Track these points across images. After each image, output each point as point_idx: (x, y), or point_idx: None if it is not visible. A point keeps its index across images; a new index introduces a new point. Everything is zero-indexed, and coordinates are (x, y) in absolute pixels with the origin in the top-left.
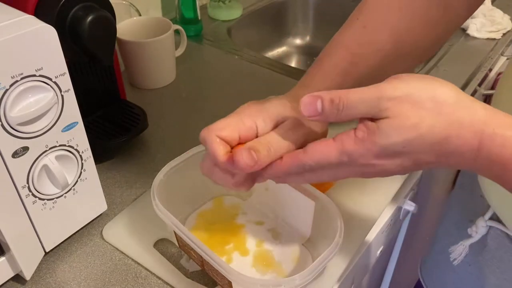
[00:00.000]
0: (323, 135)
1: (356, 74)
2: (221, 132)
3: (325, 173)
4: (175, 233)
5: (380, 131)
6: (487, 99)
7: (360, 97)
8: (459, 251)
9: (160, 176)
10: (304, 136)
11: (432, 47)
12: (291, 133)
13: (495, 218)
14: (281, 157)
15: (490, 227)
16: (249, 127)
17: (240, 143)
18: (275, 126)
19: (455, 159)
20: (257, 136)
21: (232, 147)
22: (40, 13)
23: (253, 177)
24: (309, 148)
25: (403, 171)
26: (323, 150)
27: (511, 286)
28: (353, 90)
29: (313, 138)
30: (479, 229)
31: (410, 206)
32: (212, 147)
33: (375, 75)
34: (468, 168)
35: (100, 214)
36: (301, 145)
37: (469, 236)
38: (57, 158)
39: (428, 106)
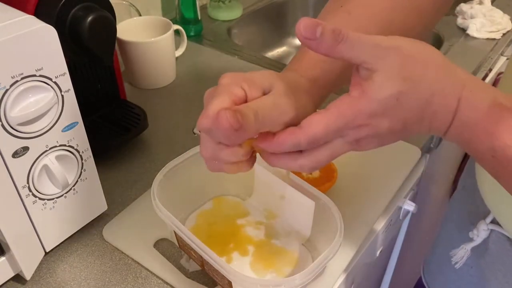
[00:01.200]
0: (314, 110)
1: (338, 62)
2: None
3: (320, 153)
4: (175, 233)
5: (374, 84)
6: None
7: (359, 39)
8: (461, 254)
9: (160, 176)
10: (294, 108)
11: (422, 34)
12: (281, 101)
13: (496, 221)
14: (273, 134)
15: (492, 230)
16: (240, 95)
17: None
18: (264, 94)
19: (437, 121)
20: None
21: None
22: (40, 13)
23: (251, 154)
24: (304, 122)
25: (393, 137)
26: (319, 121)
27: None
28: (352, 32)
29: (303, 113)
30: (481, 232)
31: (410, 206)
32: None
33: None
34: (442, 133)
35: (100, 214)
36: (292, 119)
37: (471, 240)
38: (57, 158)
39: (418, 60)
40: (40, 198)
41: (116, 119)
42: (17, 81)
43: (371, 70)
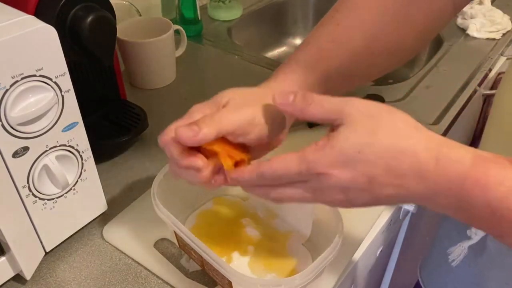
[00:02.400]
0: (279, 128)
1: (321, 69)
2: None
3: (285, 190)
4: (175, 233)
5: (338, 134)
6: (487, 99)
7: (328, 99)
8: (458, 252)
9: (160, 176)
10: (250, 115)
11: (415, 46)
12: (235, 110)
13: None
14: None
15: None
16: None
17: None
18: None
19: (414, 178)
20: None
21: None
22: (40, 13)
23: (221, 174)
24: (273, 158)
25: (361, 194)
26: (284, 159)
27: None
28: (323, 97)
29: (263, 123)
30: (478, 231)
31: (410, 206)
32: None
33: (345, 71)
34: (426, 191)
35: (100, 214)
36: (249, 123)
37: (469, 238)
38: (58, 158)
39: (386, 121)
40: (40, 198)
41: (116, 119)
42: (17, 81)
43: (339, 125)
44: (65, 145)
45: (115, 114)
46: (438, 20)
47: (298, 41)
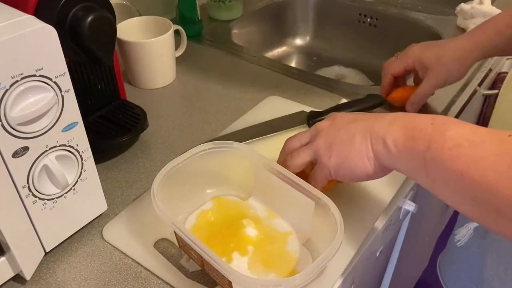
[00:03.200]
0: (462, 73)
1: (508, 35)
2: (393, 69)
3: (299, 154)
4: (175, 233)
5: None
6: (487, 99)
7: None
8: (463, 233)
9: (160, 176)
10: (444, 81)
11: None
12: (431, 82)
13: None
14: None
15: None
16: (411, 65)
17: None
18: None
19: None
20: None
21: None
22: (40, 13)
23: None
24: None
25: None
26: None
27: (506, 271)
28: None
29: (452, 79)
30: None
31: (410, 206)
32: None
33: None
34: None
35: (100, 214)
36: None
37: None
38: (57, 158)
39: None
40: (40, 198)
41: (116, 119)
42: (17, 81)
43: None
44: (65, 145)
45: (115, 114)
46: None
47: (298, 41)
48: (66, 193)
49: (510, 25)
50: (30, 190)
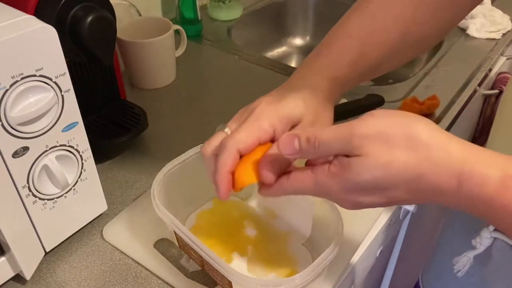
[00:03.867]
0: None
1: (364, 65)
2: (242, 144)
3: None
4: (175, 233)
5: (351, 169)
6: (487, 99)
7: (334, 136)
8: (463, 262)
9: (160, 176)
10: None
11: (439, 35)
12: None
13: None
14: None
15: (495, 238)
16: (268, 132)
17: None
18: (292, 127)
19: (434, 196)
20: (273, 140)
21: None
22: (40, 13)
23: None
24: (292, 175)
25: (379, 206)
26: (301, 179)
27: None
28: (327, 128)
29: (323, 124)
30: (484, 240)
31: (410, 206)
32: (227, 162)
33: (380, 65)
34: (454, 206)
35: (100, 214)
36: None
37: (473, 247)
38: (57, 158)
39: (400, 143)
40: (40, 198)
41: (116, 119)
42: (17, 81)
43: (350, 156)
44: (65, 145)
45: (115, 114)
46: (459, 9)
47: (298, 41)
48: (66, 193)
49: (363, 54)
50: (30, 190)
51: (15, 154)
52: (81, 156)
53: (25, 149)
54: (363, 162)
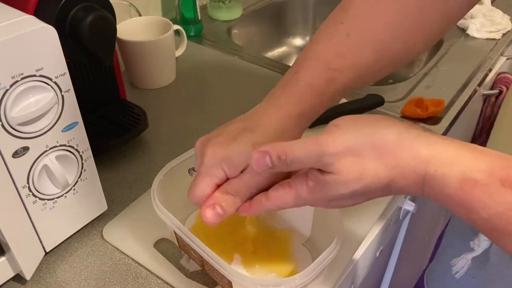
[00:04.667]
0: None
1: (332, 91)
2: (205, 194)
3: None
4: (175, 233)
5: (327, 185)
6: (487, 99)
7: (304, 154)
8: (461, 264)
9: (160, 176)
10: (273, 175)
11: (425, 45)
12: (258, 177)
13: None
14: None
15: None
16: (221, 177)
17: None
18: (243, 170)
19: (407, 194)
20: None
21: None
22: (40, 13)
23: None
24: (270, 194)
25: (360, 203)
26: (281, 196)
27: None
28: (296, 144)
29: (281, 174)
30: (481, 242)
31: (410, 206)
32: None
33: (352, 84)
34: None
35: (100, 214)
36: (272, 182)
37: (472, 249)
38: (58, 158)
39: (369, 154)
40: (40, 198)
41: (116, 119)
42: (17, 81)
43: (325, 171)
44: (65, 145)
45: (115, 114)
46: (453, 19)
47: (298, 41)
48: (66, 193)
49: (331, 81)
50: (30, 190)
51: (15, 154)
52: (81, 156)
53: (25, 149)
54: (337, 179)
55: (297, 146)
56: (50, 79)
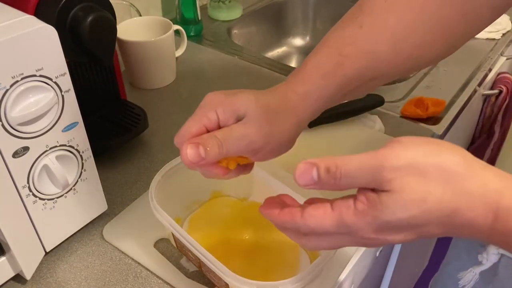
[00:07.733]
0: (290, 142)
1: (341, 76)
2: (190, 132)
3: (322, 241)
4: (173, 234)
5: (383, 206)
6: (487, 99)
7: (359, 166)
8: (469, 278)
9: (158, 177)
10: (265, 137)
11: (446, 50)
12: (250, 131)
13: None
14: (282, 206)
15: (502, 255)
16: (213, 120)
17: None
18: (237, 120)
19: (467, 230)
20: (219, 127)
21: None
22: (40, 13)
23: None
24: (306, 212)
25: (407, 242)
26: (320, 219)
27: None
28: (351, 158)
29: (281, 137)
30: (490, 256)
31: None
32: (182, 153)
33: (365, 74)
34: (481, 239)
35: (100, 214)
36: (261, 147)
37: (480, 263)
38: (58, 158)
39: (434, 176)
40: (40, 198)
41: (116, 119)
42: (17, 81)
43: (381, 191)
44: (65, 145)
45: (115, 114)
46: (472, 25)
47: (298, 41)
48: (66, 193)
49: (340, 65)
50: (30, 190)
51: (15, 154)
52: (81, 156)
53: (25, 149)
54: (397, 199)
55: (351, 158)
56: (50, 79)
